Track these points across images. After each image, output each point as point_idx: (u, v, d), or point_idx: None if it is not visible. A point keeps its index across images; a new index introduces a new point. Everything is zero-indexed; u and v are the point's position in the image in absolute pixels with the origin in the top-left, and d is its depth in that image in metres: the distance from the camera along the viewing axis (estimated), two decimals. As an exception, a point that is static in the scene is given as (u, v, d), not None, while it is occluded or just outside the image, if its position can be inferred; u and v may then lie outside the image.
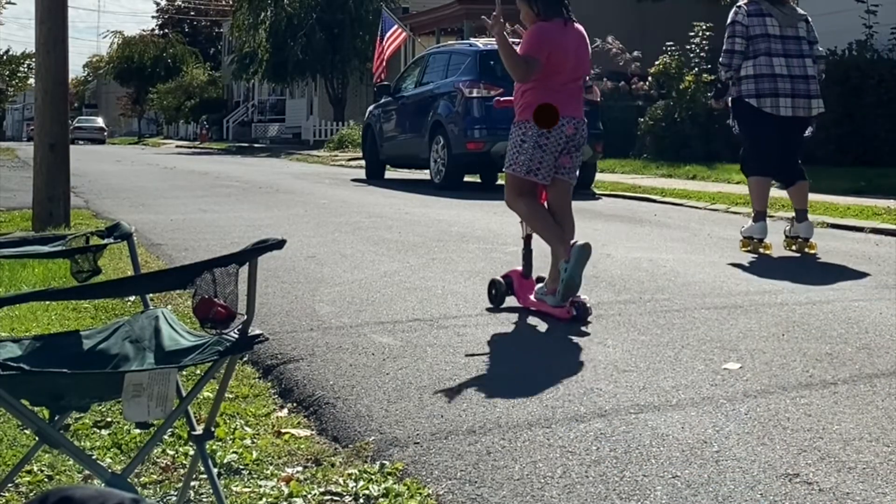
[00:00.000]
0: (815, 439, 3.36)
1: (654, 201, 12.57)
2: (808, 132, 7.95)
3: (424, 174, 16.13)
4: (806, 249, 7.75)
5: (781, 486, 2.97)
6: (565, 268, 5.23)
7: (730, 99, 7.99)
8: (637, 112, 20.28)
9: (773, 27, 7.79)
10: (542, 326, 5.07)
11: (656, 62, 20.28)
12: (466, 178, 15.29)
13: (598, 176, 15.34)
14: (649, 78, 21.04)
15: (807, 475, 3.05)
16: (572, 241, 5.39)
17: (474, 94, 14.44)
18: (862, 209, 10.25)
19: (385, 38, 26.02)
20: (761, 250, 7.76)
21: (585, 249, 5.25)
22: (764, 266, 7.06)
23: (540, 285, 5.53)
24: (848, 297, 5.83)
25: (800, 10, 8.05)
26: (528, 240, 5.79)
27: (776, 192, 8.94)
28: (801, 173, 7.93)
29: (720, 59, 8.01)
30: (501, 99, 6.05)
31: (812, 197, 11.72)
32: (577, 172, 5.88)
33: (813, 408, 3.69)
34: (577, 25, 5.67)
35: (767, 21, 7.80)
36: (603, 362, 4.35)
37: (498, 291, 5.59)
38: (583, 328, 5.02)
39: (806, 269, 6.95)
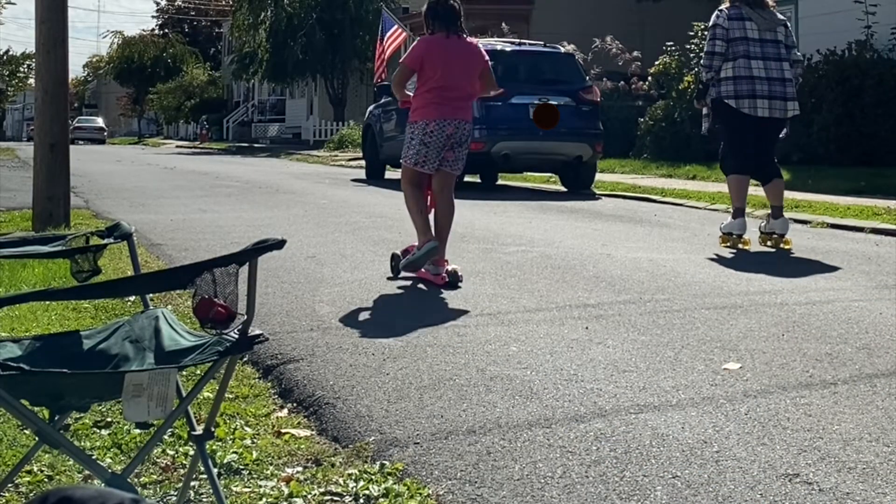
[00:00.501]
0: (815, 439, 3.36)
1: (654, 201, 12.57)
2: (783, 133, 8.16)
3: (424, 174, 16.11)
4: (781, 245, 7.94)
5: (781, 486, 2.97)
6: (416, 253, 6.39)
7: (710, 99, 8.15)
8: (637, 112, 20.29)
9: (753, 31, 7.98)
10: (542, 327, 5.07)
11: (656, 62, 20.30)
12: (466, 178, 15.28)
13: (598, 176, 15.35)
14: (649, 78, 21.06)
15: (807, 475, 3.05)
16: (432, 237, 6.48)
17: (474, 95, 14.42)
18: (862, 209, 10.25)
19: (385, 38, 26.03)
20: (741, 246, 7.96)
21: (433, 251, 6.35)
22: (764, 266, 7.06)
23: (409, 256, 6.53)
24: (848, 297, 5.83)
25: (779, 15, 8.22)
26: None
27: (759, 191, 9.02)
28: (777, 171, 8.17)
29: (701, 61, 8.33)
30: (404, 101, 6.99)
31: (812, 197, 11.77)
32: (462, 165, 6.87)
33: (813, 408, 3.69)
34: (469, 40, 6.81)
35: (747, 25, 7.99)
36: (603, 362, 4.35)
37: (397, 264, 6.60)
38: (586, 327, 5.02)
39: (806, 269, 6.95)
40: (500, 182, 16.64)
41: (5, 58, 52.04)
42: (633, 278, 6.48)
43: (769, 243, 8.01)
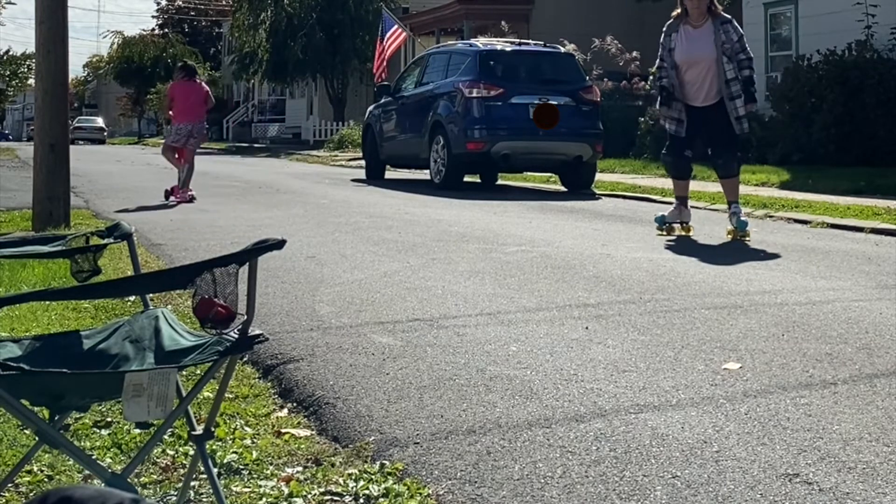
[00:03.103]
0: (815, 439, 3.36)
1: (654, 201, 12.57)
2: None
3: (424, 174, 16.13)
4: (740, 237, 8.51)
5: (781, 486, 2.97)
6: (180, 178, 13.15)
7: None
8: (637, 112, 20.27)
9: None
10: (542, 327, 5.07)
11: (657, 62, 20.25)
12: (466, 178, 15.29)
13: (598, 176, 15.35)
14: (649, 78, 21.03)
15: (807, 475, 3.05)
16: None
17: (474, 94, 14.43)
18: (862, 209, 10.25)
19: (385, 38, 26.04)
20: (680, 233, 8.82)
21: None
22: (764, 266, 7.06)
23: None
24: (848, 297, 5.83)
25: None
26: (181, 166, 13.58)
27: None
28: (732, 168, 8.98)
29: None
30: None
31: (812, 197, 11.77)
32: (200, 144, 14.13)
33: (813, 408, 3.69)
34: (198, 82, 14.07)
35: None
36: (603, 362, 4.35)
37: (166, 196, 12.28)
38: (586, 327, 5.02)
39: (805, 269, 6.95)
40: (500, 182, 16.64)
41: (5, 58, 52.04)
42: (633, 278, 6.48)
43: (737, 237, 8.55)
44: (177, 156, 13.82)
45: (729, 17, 8.98)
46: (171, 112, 14.11)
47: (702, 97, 8.76)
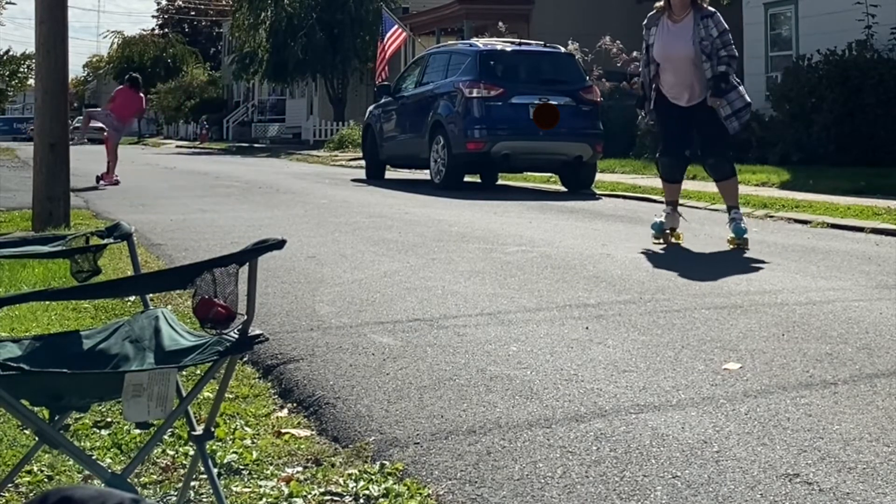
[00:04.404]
0: (815, 439, 3.36)
1: (654, 201, 12.56)
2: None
3: (424, 174, 16.13)
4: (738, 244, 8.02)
5: (781, 486, 2.97)
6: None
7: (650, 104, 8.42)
8: (637, 112, 20.25)
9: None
10: (542, 327, 5.07)
11: (656, 62, 20.22)
12: (466, 178, 15.29)
13: (598, 176, 15.34)
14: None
15: (807, 475, 3.05)
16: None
17: (474, 94, 14.43)
18: (862, 209, 10.25)
19: (385, 39, 26.04)
20: (672, 239, 8.28)
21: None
22: (764, 266, 7.06)
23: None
24: (848, 297, 5.83)
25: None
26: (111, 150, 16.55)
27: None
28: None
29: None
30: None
31: (812, 197, 11.77)
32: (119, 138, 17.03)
33: (813, 408, 3.69)
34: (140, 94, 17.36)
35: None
36: (603, 362, 4.35)
37: (97, 179, 14.19)
38: (586, 327, 5.02)
39: (806, 269, 6.95)
40: (500, 182, 16.63)
41: (5, 58, 52.03)
42: (633, 278, 6.48)
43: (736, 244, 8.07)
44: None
45: (712, 10, 8.25)
46: (110, 107, 17.49)
47: (686, 97, 8.19)
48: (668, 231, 8.35)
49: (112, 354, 2.61)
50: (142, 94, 18.31)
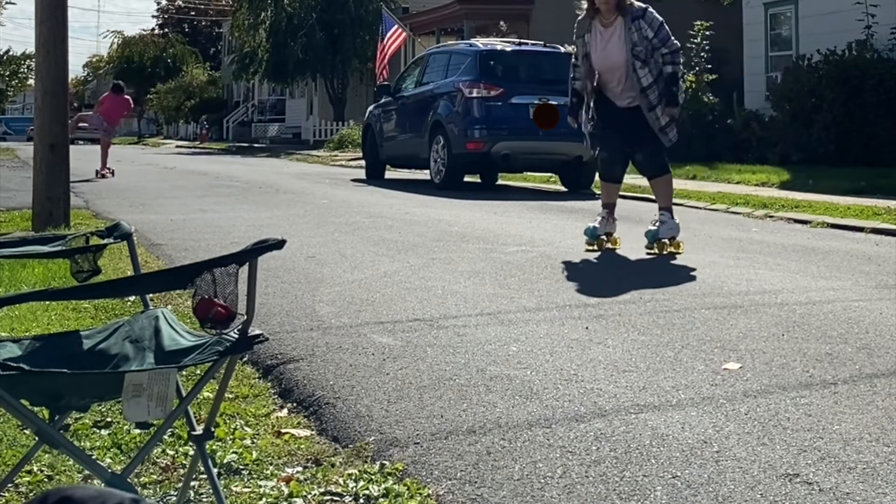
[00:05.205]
0: (815, 439, 3.36)
1: (654, 201, 12.54)
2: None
3: (424, 174, 16.13)
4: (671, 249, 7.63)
5: (781, 486, 2.97)
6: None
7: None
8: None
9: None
10: (542, 327, 5.07)
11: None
12: (466, 178, 15.29)
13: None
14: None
15: (807, 475, 3.05)
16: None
17: (474, 94, 14.43)
18: (862, 209, 10.25)
19: (385, 39, 26.04)
20: (608, 245, 7.85)
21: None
22: (764, 266, 7.06)
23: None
24: (848, 297, 5.83)
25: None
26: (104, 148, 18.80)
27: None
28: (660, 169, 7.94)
29: (681, 61, 7.83)
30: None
31: (812, 197, 11.77)
32: (110, 138, 18.64)
33: (813, 408, 3.69)
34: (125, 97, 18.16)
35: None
36: (603, 362, 4.35)
37: (96, 173, 13.76)
38: (586, 327, 5.02)
39: (806, 269, 6.95)
40: (500, 182, 16.63)
41: (5, 58, 52.01)
42: (633, 278, 6.48)
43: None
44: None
45: (643, 7, 7.58)
46: (99, 111, 20.29)
47: (626, 101, 7.66)
48: (603, 237, 7.87)
49: (112, 354, 2.61)
50: (127, 97, 21.08)
